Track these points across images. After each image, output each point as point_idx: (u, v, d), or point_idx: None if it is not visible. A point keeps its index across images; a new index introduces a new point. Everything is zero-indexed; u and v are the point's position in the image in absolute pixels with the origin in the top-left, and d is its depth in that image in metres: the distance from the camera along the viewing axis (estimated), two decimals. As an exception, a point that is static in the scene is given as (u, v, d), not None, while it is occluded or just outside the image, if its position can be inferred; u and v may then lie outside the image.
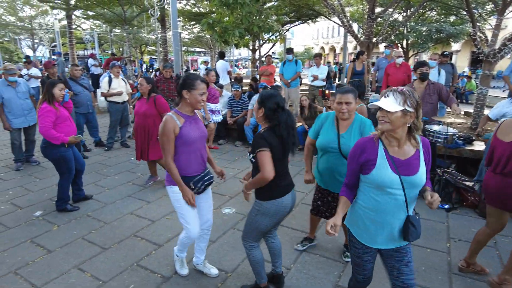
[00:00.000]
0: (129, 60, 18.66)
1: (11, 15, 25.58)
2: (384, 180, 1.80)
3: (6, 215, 3.98)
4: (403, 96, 1.70)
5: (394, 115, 1.70)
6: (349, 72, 7.77)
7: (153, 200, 4.40)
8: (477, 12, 10.48)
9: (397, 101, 1.70)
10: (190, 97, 2.43)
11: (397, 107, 1.69)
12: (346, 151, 2.70)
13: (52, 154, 3.85)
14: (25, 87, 5.54)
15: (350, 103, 2.66)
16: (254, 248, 2.49)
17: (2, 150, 6.65)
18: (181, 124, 2.44)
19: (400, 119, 1.71)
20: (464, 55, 27.07)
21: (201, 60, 31.86)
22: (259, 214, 2.36)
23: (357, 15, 15.29)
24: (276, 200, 2.32)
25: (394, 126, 1.73)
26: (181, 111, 2.50)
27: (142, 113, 4.59)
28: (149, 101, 4.60)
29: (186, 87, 2.42)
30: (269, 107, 2.21)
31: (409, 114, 1.72)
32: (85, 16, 21.59)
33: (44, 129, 3.70)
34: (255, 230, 2.43)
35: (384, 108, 1.70)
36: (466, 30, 12.18)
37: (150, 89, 4.61)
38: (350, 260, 2.16)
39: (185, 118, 2.48)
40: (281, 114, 2.21)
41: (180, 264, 2.93)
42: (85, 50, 36.81)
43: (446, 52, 7.47)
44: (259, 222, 2.37)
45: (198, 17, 15.47)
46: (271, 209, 2.32)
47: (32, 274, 2.92)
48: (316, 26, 38.76)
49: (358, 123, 2.76)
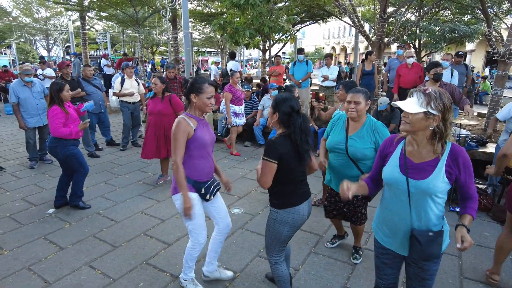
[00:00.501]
0: (140, 61, 18.88)
1: (27, 17, 26.16)
2: (390, 178, 1.80)
3: (20, 212, 4.07)
4: (427, 98, 1.61)
5: (414, 116, 1.63)
6: (359, 72, 7.71)
7: (163, 199, 4.45)
8: (492, 11, 10.26)
9: (419, 102, 1.63)
10: (198, 101, 2.40)
11: (418, 109, 1.62)
12: (353, 153, 2.69)
13: (61, 152, 3.92)
14: (40, 87, 5.67)
15: (359, 103, 2.63)
16: (279, 263, 2.34)
17: (17, 148, 6.81)
18: (195, 127, 2.40)
19: (421, 121, 1.63)
20: (479, 55, 26.55)
21: (211, 61, 32.05)
22: (277, 224, 2.23)
23: (368, 15, 15.17)
24: (293, 208, 2.20)
25: (414, 127, 1.66)
26: (192, 113, 2.46)
27: (157, 112, 4.66)
28: (164, 100, 4.67)
29: (194, 90, 2.39)
30: (284, 111, 2.10)
31: (432, 117, 1.62)
32: (98, 17, 21.98)
33: (55, 130, 3.80)
34: (277, 241, 2.28)
35: (403, 108, 1.65)
36: (481, 30, 11.96)
37: (164, 88, 4.68)
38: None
39: (198, 120, 2.45)
40: (296, 118, 2.09)
41: (193, 285, 2.71)
42: (97, 51, 37.42)
43: (460, 52, 7.33)
44: (279, 232, 2.23)
45: (209, 18, 15.58)
46: (288, 217, 2.20)
47: (45, 270, 2.98)
48: (327, 26, 38.58)
49: (368, 126, 2.72)
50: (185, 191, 2.37)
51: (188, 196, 2.38)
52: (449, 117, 1.63)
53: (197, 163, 2.45)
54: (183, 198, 2.38)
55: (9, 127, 8.76)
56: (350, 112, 2.68)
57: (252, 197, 4.54)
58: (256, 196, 4.57)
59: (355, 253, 3.18)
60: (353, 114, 2.67)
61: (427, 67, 4.63)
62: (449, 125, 1.65)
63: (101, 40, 27.09)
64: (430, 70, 4.47)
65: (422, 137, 1.69)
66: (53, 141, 3.90)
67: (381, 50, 9.31)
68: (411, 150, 1.77)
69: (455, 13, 13.03)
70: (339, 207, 2.96)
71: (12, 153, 6.50)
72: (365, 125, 2.72)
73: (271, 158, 2.07)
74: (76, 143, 4.03)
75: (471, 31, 11.91)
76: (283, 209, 2.20)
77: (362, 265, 3.07)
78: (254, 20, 7.90)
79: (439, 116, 1.61)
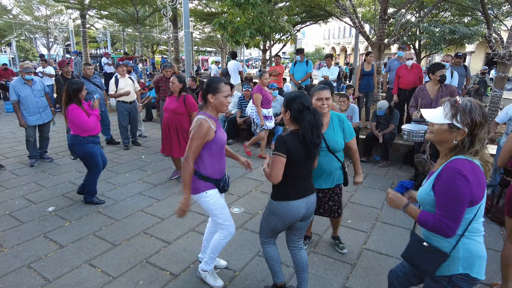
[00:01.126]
0: (141, 60, 18.88)
1: (27, 15, 26.13)
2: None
3: (20, 210, 4.08)
4: (453, 110, 1.52)
5: (438, 127, 1.58)
6: (358, 73, 7.72)
7: (163, 198, 4.46)
8: (492, 13, 10.28)
9: (444, 113, 1.55)
10: (215, 101, 2.40)
11: (442, 120, 1.55)
12: (334, 147, 2.81)
13: (80, 150, 4.02)
14: (41, 85, 5.67)
15: (329, 98, 2.77)
16: (268, 244, 2.50)
17: (17, 146, 6.81)
18: (215, 128, 2.42)
19: (444, 133, 1.56)
20: (479, 57, 26.60)
21: (212, 60, 32.05)
22: (270, 213, 2.36)
23: (368, 16, 15.18)
24: (287, 202, 2.26)
25: (437, 138, 1.61)
26: (210, 113, 2.45)
27: (172, 110, 4.73)
28: (179, 99, 4.72)
29: (210, 91, 2.39)
30: (295, 109, 2.16)
31: (456, 130, 1.52)
32: (99, 16, 21.97)
33: (83, 122, 3.91)
34: (267, 227, 2.43)
35: (425, 117, 1.62)
36: (481, 31, 11.97)
37: (181, 87, 4.72)
38: None
39: (215, 121, 2.47)
40: (306, 113, 2.14)
41: (213, 277, 2.78)
42: (98, 49, 37.38)
43: (460, 53, 7.35)
44: (270, 221, 2.37)
45: (210, 17, 15.59)
46: (280, 210, 2.28)
47: (44, 268, 2.99)
48: (327, 27, 38.62)
49: (336, 118, 2.89)
50: (188, 192, 2.43)
51: (189, 199, 2.44)
52: (478, 133, 1.51)
53: (218, 162, 2.51)
54: (186, 197, 2.43)
55: (9, 125, 8.76)
56: (322, 109, 2.75)
57: (252, 197, 4.55)
58: (256, 195, 4.58)
59: (340, 243, 3.33)
60: (325, 109, 2.77)
61: (430, 69, 4.62)
62: (478, 141, 1.52)
63: (101, 39, 27.07)
64: (435, 72, 4.46)
65: (443, 149, 1.64)
66: (72, 138, 4.02)
67: (381, 51, 9.32)
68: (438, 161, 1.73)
69: (455, 15, 13.04)
70: (323, 202, 3.04)
71: (12, 151, 6.50)
72: (332, 118, 2.88)
73: (281, 152, 2.15)
74: (95, 140, 4.12)
75: (471, 32, 11.92)
76: (277, 201, 2.30)
77: (361, 265, 3.08)
78: (254, 19, 7.91)
79: (464, 130, 1.50)
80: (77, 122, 3.92)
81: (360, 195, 4.63)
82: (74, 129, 4.01)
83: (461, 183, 1.48)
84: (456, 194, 1.49)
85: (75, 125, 3.96)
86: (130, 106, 6.70)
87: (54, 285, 2.77)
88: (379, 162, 5.96)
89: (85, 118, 3.94)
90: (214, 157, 2.48)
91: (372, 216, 4.02)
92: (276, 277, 2.58)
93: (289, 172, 2.20)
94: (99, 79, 6.63)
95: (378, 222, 3.89)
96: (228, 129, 7.34)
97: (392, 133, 5.77)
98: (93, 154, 4.09)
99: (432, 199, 1.60)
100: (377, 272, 2.98)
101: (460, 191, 1.48)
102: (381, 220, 3.94)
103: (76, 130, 3.99)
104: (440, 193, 1.54)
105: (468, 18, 12.92)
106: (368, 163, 5.95)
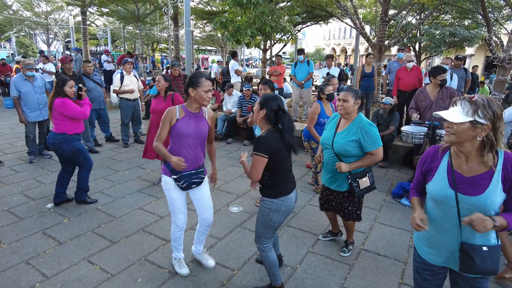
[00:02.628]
0: (141, 57, 18.85)
1: (28, 10, 26.04)
2: (439, 194, 1.67)
3: (19, 206, 4.08)
4: (473, 106, 1.49)
5: (460, 126, 1.52)
6: (358, 74, 7.74)
7: (162, 196, 4.46)
8: (493, 16, 10.31)
9: (464, 111, 1.52)
10: (195, 94, 2.52)
11: (463, 118, 1.50)
12: (337, 149, 2.86)
13: (68, 148, 3.91)
14: (42, 81, 5.67)
15: (347, 101, 2.79)
16: (269, 249, 2.51)
17: (16, 142, 6.80)
18: (179, 117, 2.56)
19: (467, 132, 1.51)
20: (478, 60, 26.68)
21: (212, 59, 32.01)
22: (271, 212, 2.39)
23: (369, 17, 15.20)
24: (286, 197, 2.38)
25: (460, 139, 1.54)
26: (186, 106, 2.62)
27: (159, 111, 4.52)
28: (166, 99, 4.61)
29: (191, 84, 2.52)
30: (271, 108, 2.27)
31: (480, 126, 1.49)
32: (99, 13, 21.90)
33: (75, 111, 3.87)
34: (269, 228, 2.46)
35: (447, 119, 1.54)
36: (481, 35, 12.03)
37: (167, 86, 4.62)
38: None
39: (186, 113, 2.59)
40: (283, 116, 2.28)
41: (178, 264, 2.91)
42: (97, 46, 37.30)
43: (460, 56, 7.38)
44: (273, 219, 2.41)
45: (211, 16, 15.56)
46: (282, 205, 2.38)
47: (43, 264, 2.99)
48: (328, 27, 38.67)
49: (356, 123, 2.84)
50: (168, 157, 2.50)
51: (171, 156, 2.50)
52: (499, 126, 1.50)
53: (176, 152, 2.58)
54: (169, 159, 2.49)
55: (8, 121, 8.74)
56: (339, 109, 2.89)
57: (250, 196, 4.55)
58: (254, 194, 4.59)
59: (344, 247, 3.31)
60: (341, 111, 2.87)
61: (432, 72, 4.61)
62: (500, 134, 1.52)
63: (101, 36, 27.03)
64: (436, 76, 4.46)
65: (471, 149, 1.56)
66: (58, 137, 3.88)
67: (382, 53, 9.34)
68: (459, 163, 1.63)
69: (455, 18, 13.08)
70: (329, 200, 3.14)
71: (11, 147, 6.49)
72: (353, 122, 2.85)
73: (263, 152, 2.23)
74: (79, 138, 4.06)
75: (471, 35, 11.98)
76: (277, 198, 2.37)
77: (359, 266, 3.10)
78: (256, 19, 7.90)
79: (488, 125, 1.48)
80: (70, 113, 3.81)
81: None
82: (60, 127, 3.87)
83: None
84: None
85: (65, 118, 3.83)
86: (133, 103, 6.70)
87: (52, 281, 2.77)
88: (378, 163, 5.97)
89: (77, 107, 3.88)
90: (174, 145, 2.59)
91: (371, 217, 4.03)
92: (275, 279, 2.59)
93: (278, 168, 2.32)
94: (98, 77, 6.63)
95: (376, 223, 3.90)
96: (227, 128, 7.35)
97: (391, 135, 5.78)
98: (82, 150, 4.04)
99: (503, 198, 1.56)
100: (374, 273, 2.99)
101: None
102: (380, 221, 3.95)
103: (62, 127, 3.86)
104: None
105: (469, 21, 12.96)
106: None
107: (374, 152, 2.78)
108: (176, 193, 2.67)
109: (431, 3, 10.29)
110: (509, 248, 2.79)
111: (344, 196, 3.02)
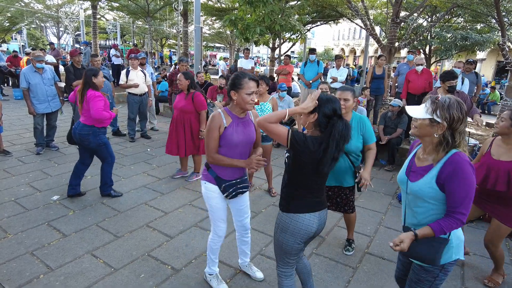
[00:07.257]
0: (150, 53, 18.91)
1: (39, 3, 26.24)
2: (398, 178, 1.93)
3: (25, 197, 4.11)
4: (433, 106, 1.66)
5: (420, 122, 1.71)
6: (369, 75, 7.67)
7: (167, 192, 4.46)
8: (507, 20, 10.14)
9: (425, 108, 1.69)
10: (237, 98, 2.27)
11: (423, 115, 1.68)
12: (347, 146, 2.82)
13: (95, 141, 3.92)
14: (51, 73, 5.70)
15: (348, 100, 2.86)
16: (285, 276, 2.14)
17: (24, 134, 6.86)
18: (227, 124, 2.31)
19: (426, 128, 1.69)
20: (489, 65, 26.32)
21: (220, 56, 32.00)
22: (279, 230, 2.06)
23: (380, 18, 15.05)
24: (297, 215, 1.98)
25: (420, 133, 1.73)
26: (231, 110, 2.36)
27: (180, 108, 4.59)
28: (187, 97, 4.58)
29: (233, 87, 2.27)
30: (325, 113, 1.87)
31: (436, 125, 1.66)
32: (110, 7, 22.00)
33: (98, 112, 3.77)
34: (281, 251, 2.09)
35: (409, 113, 1.75)
36: (493, 39, 11.82)
37: (189, 84, 4.57)
38: None
39: (233, 118, 2.34)
40: (338, 122, 1.86)
41: (216, 281, 2.68)
42: (107, 40, 37.48)
43: (471, 60, 7.27)
44: (281, 240, 2.05)
45: (220, 13, 15.53)
46: (289, 224, 1.99)
47: (47, 256, 3.01)
48: (337, 27, 38.35)
49: (356, 119, 2.98)
50: (236, 164, 2.32)
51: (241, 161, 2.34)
52: (458, 127, 1.64)
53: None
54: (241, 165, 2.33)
55: (17, 111, 8.82)
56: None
57: (255, 195, 4.53)
58: (259, 194, 4.57)
59: (348, 246, 3.33)
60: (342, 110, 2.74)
61: (443, 76, 4.51)
62: (459, 135, 1.65)
63: (111, 30, 27.14)
64: (445, 81, 4.37)
65: (429, 143, 1.74)
66: (86, 129, 3.87)
67: (392, 54, 9.25)
68: (419, 154, 1.84)
69: (468, 21, 12.89)
70: (331, 198, 3.15)
71: (19, 138, 6.54)
72: (353, 119, 2.97)
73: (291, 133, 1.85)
74: (105, 132, 4.08)
75: (483, 39, 11.78)
76: (285, 213, 2.02)
77: (363, 269, 3.06)
78: (265, 17, 7.87)
79: (443, 124, 1.64)
80: (95, 111, 3.74)
81: (365, 199, 4.61)
82: (89, 119, 3.86)
83: (471, 171, 1.63)
84: (470, 183, 1.62)
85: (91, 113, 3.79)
86: (140, 98, 6.72)
87: (56, 273, 2.78)
88: (385, 166, 5.92)
89: (101, 108, 3.79)
90: (220, 154, 2.35)
91: (376, 221, 4.00)
92: None
93: (300, 180, 1.96)
94: (106, 71, 6.66)
95: (381, 227, 3.86)
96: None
97: (399, 138, 5.72)
98: (107, 144, 4.08)
99: (435, 192, 1.69)
100: (378, 277, 2.96)
101: (472, 179, 1.62)
102: (385, 225, 3.91)
103: (91, 120, 3.85)
104: (455, 186, 1.62)
105: (481, 25, 12.76)
106: (373, 167, 5.87)
107: (372, 145, 2.99)
108: (220, 202, 2.48)
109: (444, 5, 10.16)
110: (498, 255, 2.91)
111: (350, 190, 3.12)
